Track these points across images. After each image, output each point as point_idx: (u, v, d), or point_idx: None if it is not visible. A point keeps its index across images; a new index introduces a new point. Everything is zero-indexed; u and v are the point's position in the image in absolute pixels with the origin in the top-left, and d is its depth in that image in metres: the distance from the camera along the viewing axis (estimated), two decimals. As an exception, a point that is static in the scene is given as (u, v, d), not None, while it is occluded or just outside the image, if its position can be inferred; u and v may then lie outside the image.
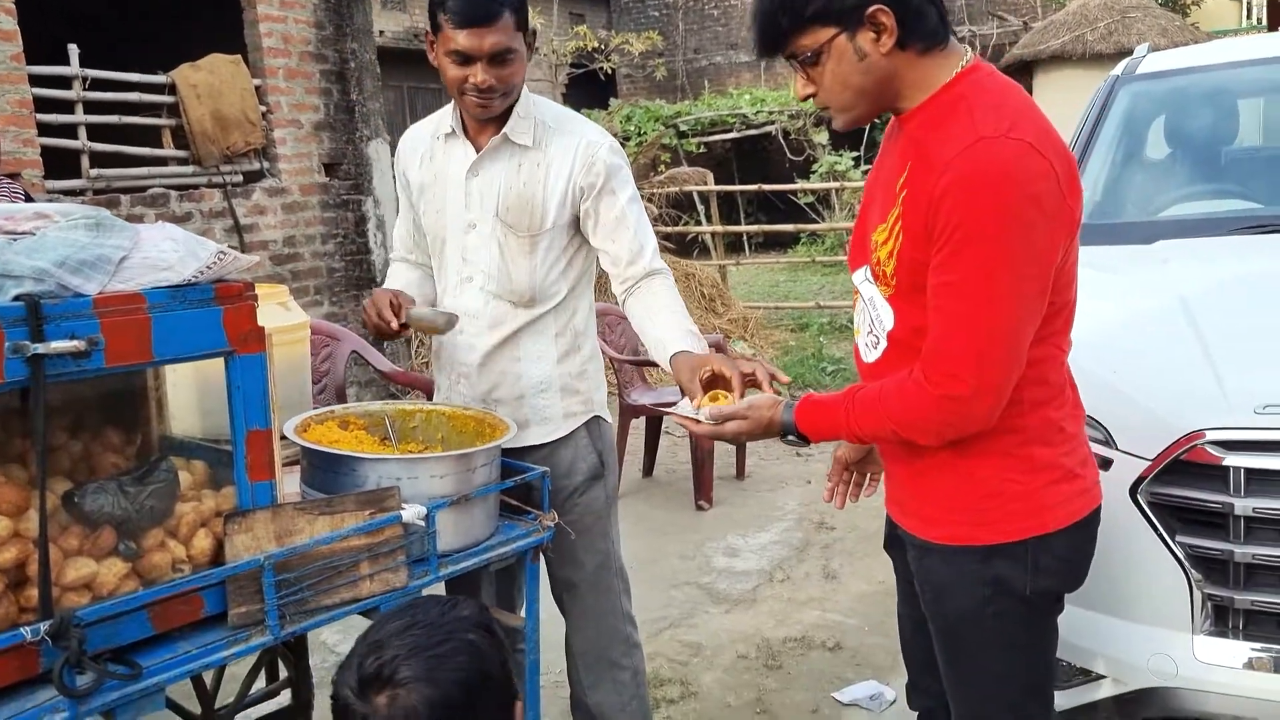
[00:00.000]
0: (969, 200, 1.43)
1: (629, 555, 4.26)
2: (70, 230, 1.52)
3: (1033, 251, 1.45)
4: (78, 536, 1.51)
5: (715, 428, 1.74)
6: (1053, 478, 1.61)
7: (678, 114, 15.17)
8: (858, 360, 1.77)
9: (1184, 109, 3.46)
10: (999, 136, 1.44)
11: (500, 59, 2.03)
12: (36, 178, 4.93)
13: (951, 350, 1.49)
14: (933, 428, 1.55)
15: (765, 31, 1.56)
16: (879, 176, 1.68)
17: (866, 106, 1.58)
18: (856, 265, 1.73)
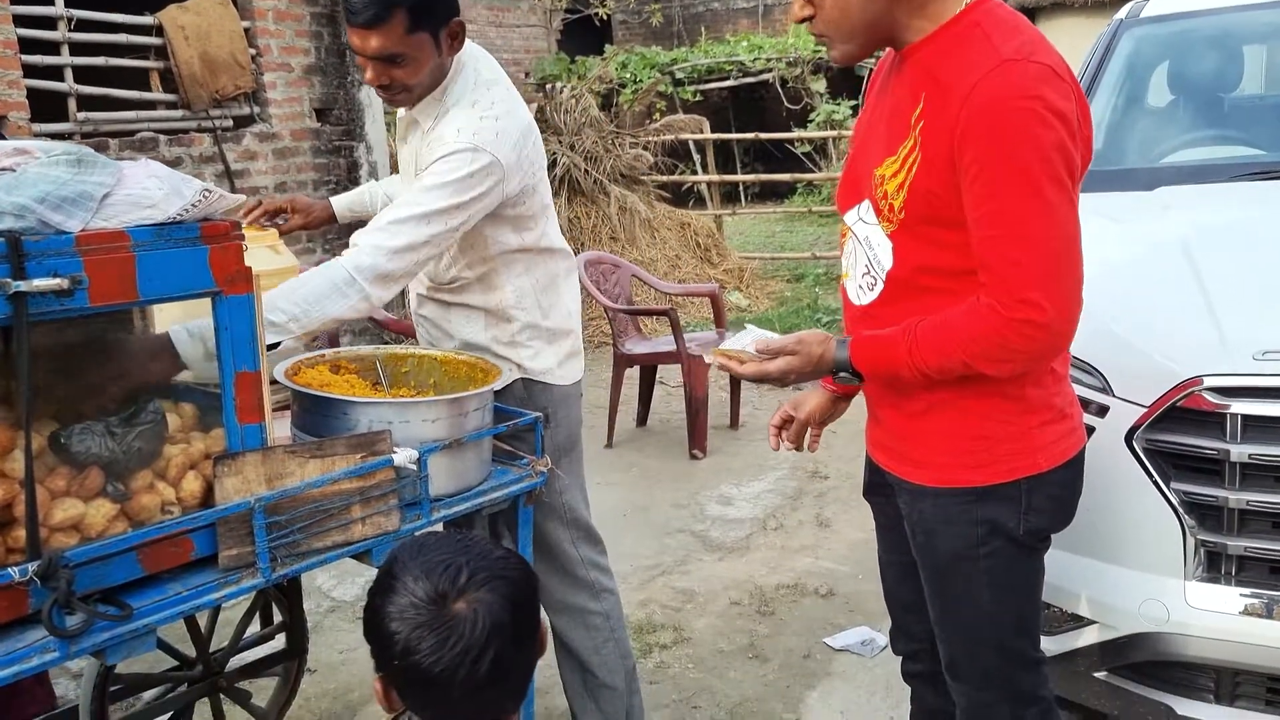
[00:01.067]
0: (1002, 123, 1.41)
1: (623, 503, 4.30)
2: (51, 166, 1.49)
3: (1069, 168, 1.45)
4: (65, 478, 1.50)
5: (761, 366, 1.65)
6: (1045, 418, 1.61)
7: (674, 61, 14.96)
8: (846, 304, 1.74)
9: (1188, 54, 3.41)
10: (1022, 59, 1.43)
11: (389, 60, 1.97)
12: (23, 120, 4.85)
13: (1020, 275, 1.45)
14: (1015, 356, 1.50)
15: None
16: (880, 111, 1.64)
17: (866, 38, 1.56)
18: (849, 204, 1.69)
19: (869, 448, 1.84)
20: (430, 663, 1.13)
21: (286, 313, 1.90)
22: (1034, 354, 1.51)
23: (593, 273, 5.34)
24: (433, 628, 1.14)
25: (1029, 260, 1.44)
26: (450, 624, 1.14)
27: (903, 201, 1.53)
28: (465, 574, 1.17)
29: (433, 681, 1.14)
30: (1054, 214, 1.44)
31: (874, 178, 1.60)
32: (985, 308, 1.48)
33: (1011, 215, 1.43)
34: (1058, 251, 1.46)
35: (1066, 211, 1.46)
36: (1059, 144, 1.43)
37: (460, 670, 1.13)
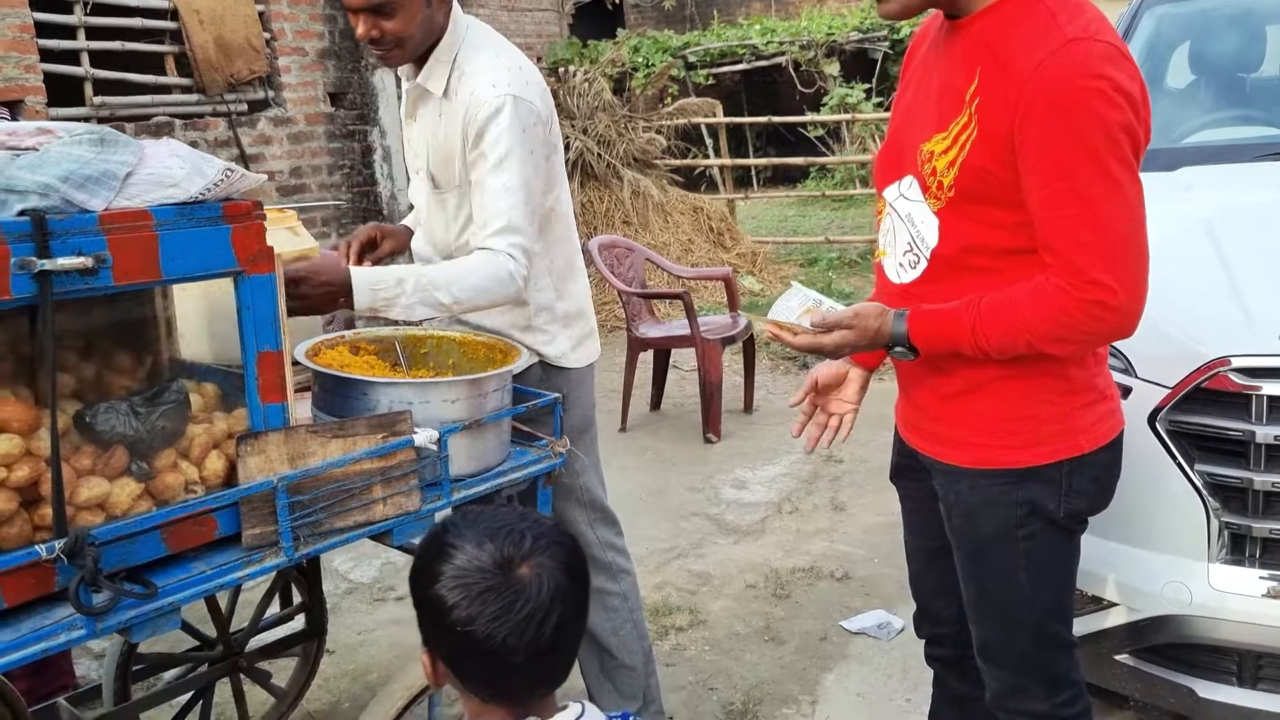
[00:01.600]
0: (1069, 101, 1.39)
1: (638, 487, 4.30)
2: (74, 145, 1.49)
3: (1135, 150, 1.43)
4: (90, 456, 1.50)
5: (815, 339, 1.60)
6: (1087, 399, 1.59)
7: (686, 45, 14.89)
8: (884, 282, 1.70)
9: (1209, 35, 3.38)
10: (1088, 38, 1.40)
11: (376, 10, 1.95)
12: (40, 104, 4.87)
13: (1089, 256, 1.43)
14: (1083, 337, 1.48)
15: None
16: (926, 86, 1.61)
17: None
18: (890, 179, 1.65)
19: (900, 429, 1.81)
20: (494, 629, 1.13)
21: (456, 298, 1.98)
22: (1102, 335, 1.50)
23: (606, 256, 5.33)
24: (500, 592, 1.13)
25: (1098, 241, 1.42)
26: (517, 589, 1.14)
27: (953, 179, 1.50)
28: (529, 539, 1.17)
29: (494, 650, 1.13)
30: (1123, 194, 1.42)
31: (921, 153, 1.56)
32: (1054, 288, 1.45)
33: (1080, 195, 1.41)
34: (1126, 233, 1.44)
35: (1134, 192, 1.44)
36: (1126, 124, 1.41)
37: (526, 634, 1.13)
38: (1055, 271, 1.46)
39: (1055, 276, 1.46)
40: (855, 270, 8.66)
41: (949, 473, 1.67)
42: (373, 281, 1.95)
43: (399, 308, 1.97)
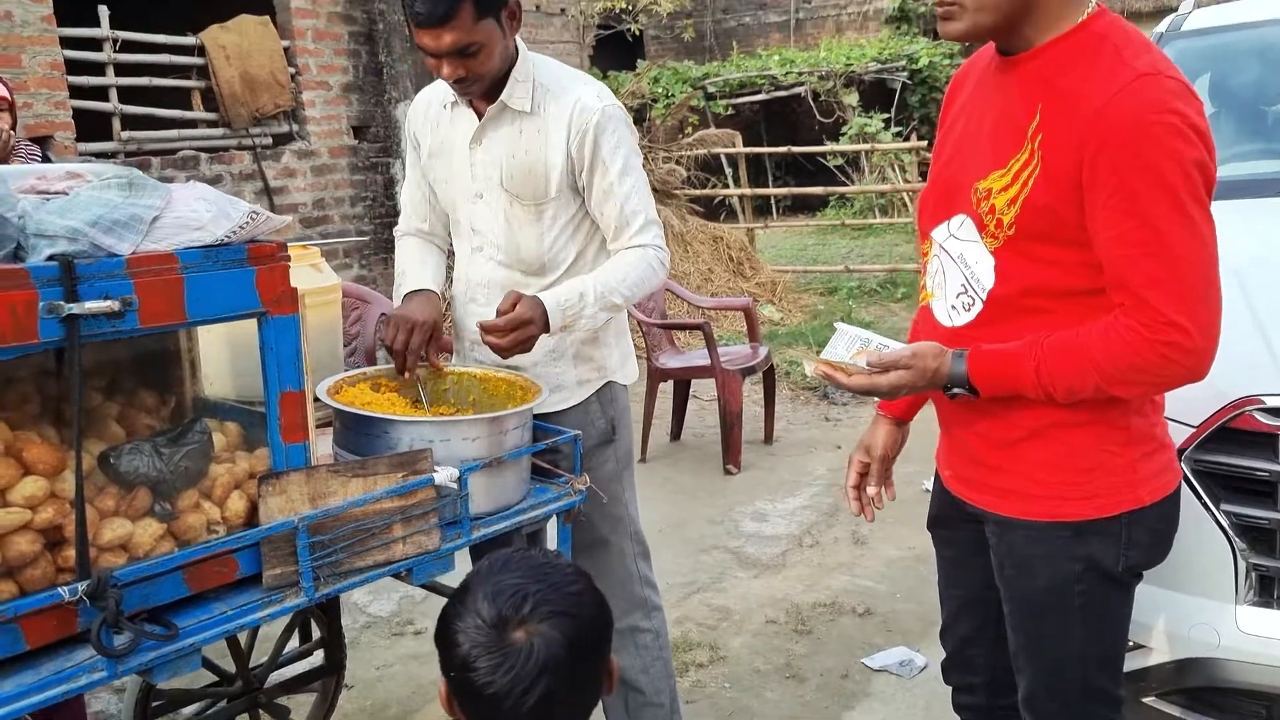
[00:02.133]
0: (1143, 137, 1.35)
1: (658, 518, 4.28)
2: (103, 190, 1.51)
3: (1208, 187, 1.40)
4: (113, 497, 1.52)
5: (871, 380, 1.53)
6: (1147, 449, 1.54)
7: (706, 75, 14.99)
8: (933, 326, 1.63)
9: (1229, 67, 3.37)
10: (1157, 74, 1.37)
11: (462, 53, 1.99)
12: (69, 140, 4.95)
13: (1164, 295, 1.38)
14: (1155, 380, 1.44)
15: None
16: (981, 122, 1.56)
17: (1000, 15, 1.44)
18: (939, 219, 1.60)
19: (947, 479, 1.74)
20: (483, 683, 1.13)
21: (626, 297, 2.14)
22: (1175, 378, 1.45)
23: (627, 288, 5.34)
24: (489, 650, 1.13)
25: (1173, 280, 1.38)
26: (505, 651, 1.13)
27: (1014, 216, 1.46)
28: (530, 603, 1.15)
29: (484, 700, 1.14)
30: (1198, 232, 1.38)
31: (975, 191, 1.52)
32: (1125, 329, 1.41)
33: (1155, 232, 1.37)
34: (1202, 272, 1.39)
35: (1209, 231, 1.40)
36: (1200, 161, 1.37)
37: (508, 699, 1.12)
38: (1127, 311, 1.41)
39: (1127, 317, 1.41)
40: (875, 299, 8.65)
41: (1003, 523, 1.61)
42: (562, 303, 2.07)
43: (585, 319, 2.11)
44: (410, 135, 2.34)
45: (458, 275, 2.32)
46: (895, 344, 1.58)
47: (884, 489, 1.85)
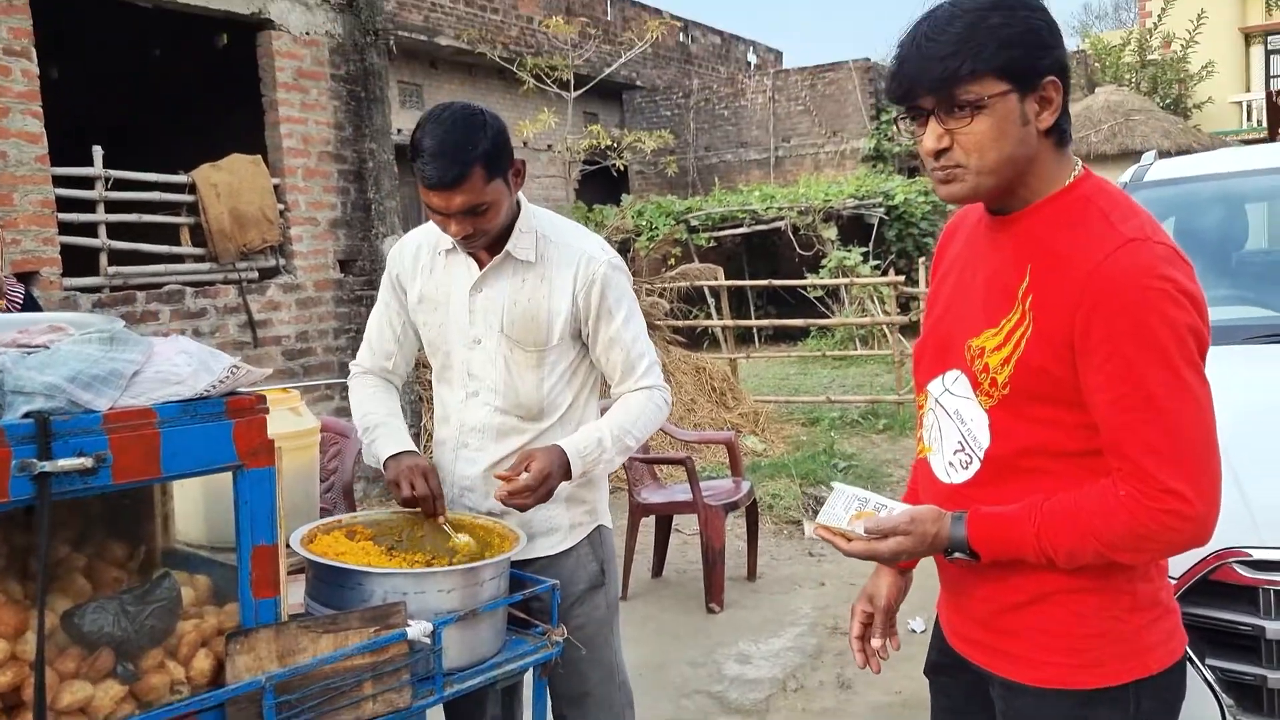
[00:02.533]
0: (1135, 302, 1.36)
1: (638, 660, 4.17)
2: (84, 344, 1.52)
3: (1201, 351, 1.40)
4: (75, 658, 1.48)
5: (870, 546, 1.51)
6: (1154, 615, 1.52)
7: (689, 209, 15.40)
8: (930, 481, 1.62)
9: (1193, 213, 3.49)
10: (1146, 239, 1.39)
11: (472, 212, 2.05)
12: (55, 275, 5.00)
13: (1162, 463, 1.37)
14: (1153, 546, 1.42)
15: (933, 70, 1.42)
16: (973, 279, 1.57)
17: (1001, 178, 1.47)
18: (934, 373, 1.61)
19: (949, 636, 1.70)
20: None
21: (637, 438, 2.22)
22: (1177, 546, 1.43)
23: (608, 422, 5.34)
24: None
25: (1171, 447, 1.37)
26: None
27: (1008, 376, 1.46)
28: None
29: None
30: (1194, 397, 1.38)
31: (968, 348, 1.53)
32: (1125, 496, 1.40)
33: (1150, 399, 1.37)
34: (1200, 438, 1.39)
35: (1204, 395, 1.39)
36: (1192, 326, 1.38)
37: None
38: (1125, 478, 1.40)
39: (1125, 484, 1.40)
40: (857, 430, 8.67)
41: (1010, 687, 1.57)
42: (581, 450, 2.13)
43: (603, 464, 2.18)
44: (393, 277, 2.36)
45: (447, 420, 2.31)
46: (894, 504, 1.56)
47: (889, 639, 1.79)
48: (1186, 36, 18.61)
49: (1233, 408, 2.35)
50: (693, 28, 21.69)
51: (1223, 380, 2.55)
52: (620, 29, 18.65)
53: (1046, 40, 1.42)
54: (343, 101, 6.57)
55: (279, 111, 6.18)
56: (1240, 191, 3.53)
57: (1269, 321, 2.94)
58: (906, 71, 1.45)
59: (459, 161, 2.00)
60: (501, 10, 16.57)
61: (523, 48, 16.21)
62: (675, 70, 20.66)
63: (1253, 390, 2.52)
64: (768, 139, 18.28)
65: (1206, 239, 3.45)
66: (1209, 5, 20.15)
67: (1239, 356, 2.70)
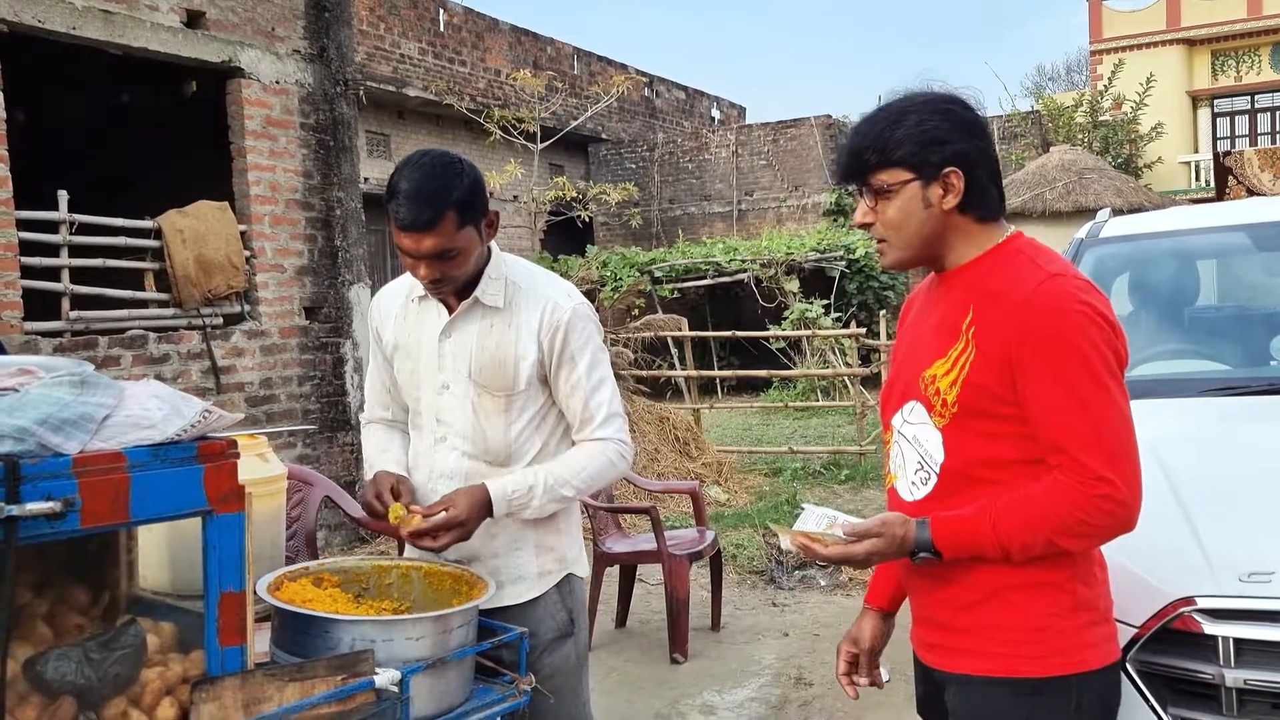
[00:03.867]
0: (1058, 322, 1.61)
1: (602, 711, 4.13)
2: (54, 388, 1.51)
3: (1119, 364, 1.64)
4: (36, 707, 1.45)
5: (846, 549, 1.69)
6: (1092, 617, 1.69)
7: (653, 261, 15.52)
8: (897, 503, 1.80)
9: (1146, 269, 3.58)
10: (1066, 275, 1.65)
11: (441, 256, 2.08)
12: (15, 319, 4.93)
13: (1094, 454, 1.60)
14: (1094, 528, 1.62)
15: (851, 162, 1.74)
16: (927, 325, 1.80)
17: (916, 251, 1.75)
18: (894, 409, 1.82)
19: (917, 650, 1.86)
20: None
21: (577, 488, 2.19)
22: (1111, 528, 1.64)
23: (574, 471, 5.33)
24: None
25: (1099, 441, 1.60)
26: None
27: (955, 395, 1.68)
28: None
29: None
30: (1114, 400, 1.62)
31: (923, 379, 1.74)
32: (1064, 486, 1.61)
33: (1078, 399, 1.60)
34: (1121, 434, 1.62)
35: (1123, 400, 1.63)
36: (1109, 341, 1.62)
37: None
38: (1064, 471, 1.61)
39: (1064, 475, 1.61)
40: (819, 480, 8.71)
41: (962, 681, 1.73)
42: (509, 493, 2.13)
43: (531, 510, 2.16)
44: (373, 329, 2.39)
45: (417, 466, 2.31)
46: (858, 520, 1.73)
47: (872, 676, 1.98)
48: (1136, 99, 19.21)
49: (1188, 459, 2.42)
50: (658, 83, 22.04)
51: (1177, 433, 2.63)
52: (586, 83, 18.90)
53: (946, 138, 1.68)
54: (311, 150, 6.59)
55: (247, 159, 6.19)
56: (1192, 249, 3.63)
57: (1221, 375, 3.02)
58: (839, 159, 1.80)
59: (432, 206, 2.03)
60: (469, 63, 16.76)
61: (490, 100, 16.38)
62: (640, 124, 20.94)
63: (1207, 443, 2.58)
64: (731, 192, 18.53)
65: (1160, 294, 3.54)
66: (1157, 69, 20.85)
67: (1193, 409, 2.77)
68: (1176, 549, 2.06)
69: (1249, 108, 24.41)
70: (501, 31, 17.57)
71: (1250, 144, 22.72)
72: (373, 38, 14.80)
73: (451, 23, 16.42)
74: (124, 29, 5.54)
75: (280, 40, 6.41)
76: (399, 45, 15.38)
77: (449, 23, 16.36)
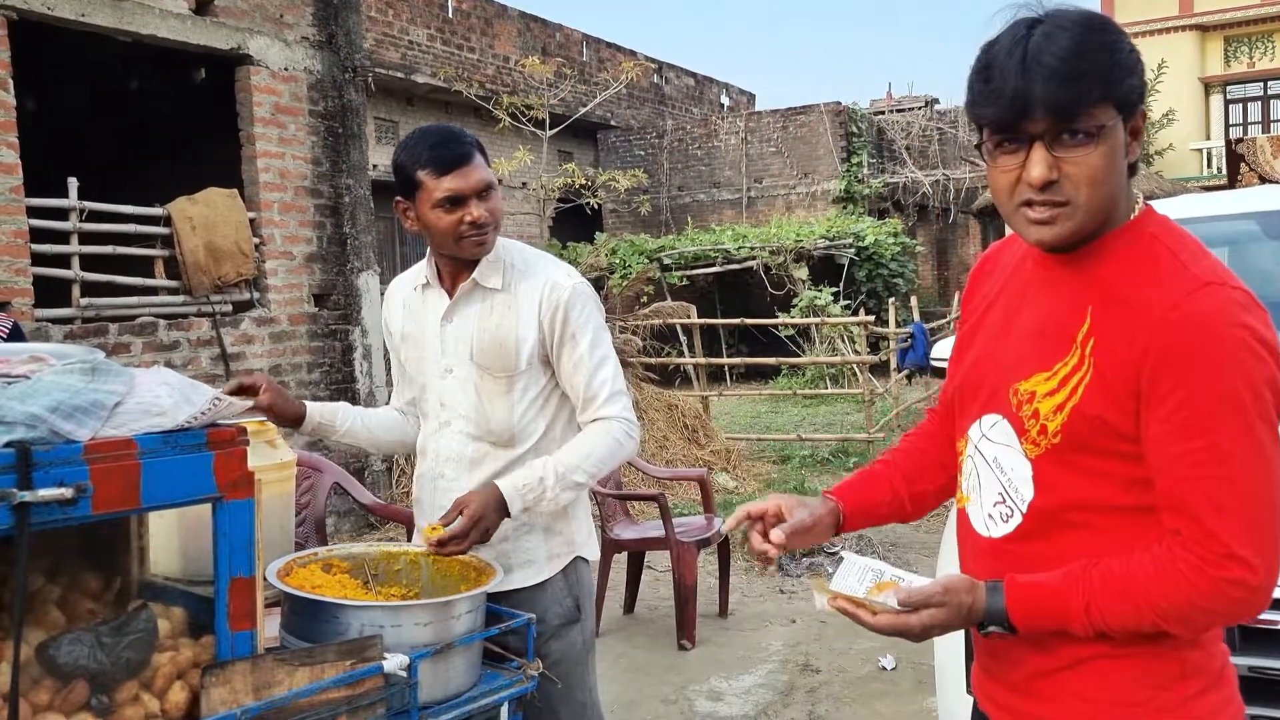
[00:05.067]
0: (1212, 351, 1.26)
1: (610, 698, 4.16)
2: (65, 375, 1.53)
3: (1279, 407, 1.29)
4: (49, 690, 1.47)
5: (902, 620, 1.38)
6: (1203, 684, 1.38)
7: (661, 248, 15.51)
8: (968, 533, 1.52)
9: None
10: (1223, 284, 1.28)
11: (486, 192, 2.16)
12: (26, 306, 4.96)
13: (1228, 526, 1.26)
14: (1214, 619, 1.32)
15: (1064, 93, 1.27)
16: (1020, 320, 1.46)
17: (1102, 216, 1.35)
18: (971, 418, 1.50)
19: (981, 702, 1.57)
20: None
21: (590, 474, 2.17)
22: (1236, 616, 1.34)
23: (582, 458, 5.35)
24: None
25: (1240, 509, 1.27)
26: None
27: (1060, 424, 1.35)
28: None
29: None
30: (1266, 459, 1.27)
31: (1014, 392, 1.41)
32: (1183, 563, 1.29)
33: (1222, 455, 1.26)
34: (1271, 503, 1.28)
35: (1276, 455, 1.28)
36: (1271, 379, 1.27)
37: None
38: (1184, 543, 1.29)
39: (1184, 549, 1.29)
40: (828, 468, 8.73)
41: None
42: (520, 488, 2.12)
43: (546, 501, 2.14)
44: (385, 323, 2.45)
45: (424, 453, 2.34)
46: (912, 575, 1.46)
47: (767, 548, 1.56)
48: (1148, 85, 19.08)
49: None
50: (667, 69, 21.98)
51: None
52: (595, 69, 18.86)
53: (1137, 67, 1.33)
54: (320, 137, 6.59)
55: (256, 146, 6.20)
56: (1202, 237, 3.61)
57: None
58: (1020, 91, 1.28)
59: (466, 142, 2.16)
60: (478, 49, 16.73)
61: (499, 86, 16.36)
62: (649, 111, 20.90)
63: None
64: (740, 179, 18.49)
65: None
66: (1170, 55, 20.71)
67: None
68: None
69: (1262, 94, 24.25)
70: (510, 18, 17.53)
71: (1263, 131, 22.58)
72: (381, 24, 14.79)
73: (460, 9, 16.39)
74: (132, 16, 5.55)
75: (289, 27, 6.42)
76: (407, 32, 15.36)
77: (458, 9, 16.33)
